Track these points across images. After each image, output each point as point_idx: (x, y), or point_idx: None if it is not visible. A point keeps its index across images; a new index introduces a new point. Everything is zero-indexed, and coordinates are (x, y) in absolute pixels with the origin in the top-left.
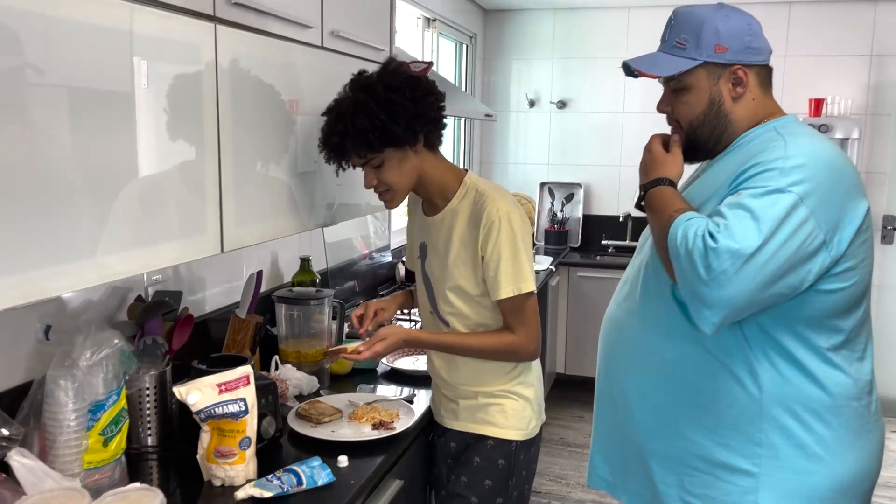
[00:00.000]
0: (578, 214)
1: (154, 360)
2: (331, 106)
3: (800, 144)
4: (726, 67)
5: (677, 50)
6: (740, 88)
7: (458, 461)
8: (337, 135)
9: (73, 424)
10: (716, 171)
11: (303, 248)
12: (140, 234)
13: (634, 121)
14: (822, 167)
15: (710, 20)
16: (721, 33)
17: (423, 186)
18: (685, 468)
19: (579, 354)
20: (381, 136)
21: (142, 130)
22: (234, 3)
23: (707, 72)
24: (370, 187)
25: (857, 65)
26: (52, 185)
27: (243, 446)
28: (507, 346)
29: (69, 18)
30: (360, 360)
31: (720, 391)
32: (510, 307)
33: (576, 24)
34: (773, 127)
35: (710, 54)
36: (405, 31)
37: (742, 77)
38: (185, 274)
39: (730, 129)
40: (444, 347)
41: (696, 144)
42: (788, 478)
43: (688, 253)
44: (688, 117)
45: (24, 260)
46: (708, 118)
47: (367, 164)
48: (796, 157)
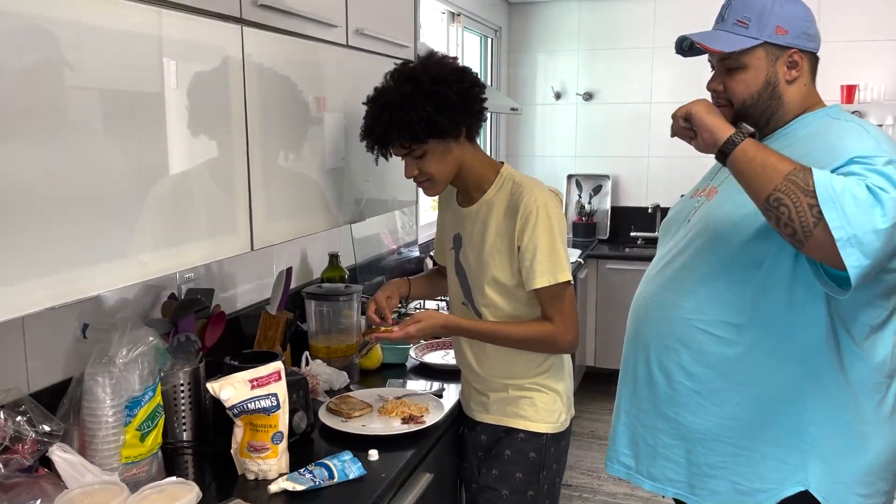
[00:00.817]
0: (606, 206)
1: (188, 357)
2: (375, 95)
3: (880, 134)
4: (784, 50)
5: (738, 28)
6: (795, 72)
7: (489, 454)
8: (382, 125)
9: (111, 420)
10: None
11: (331, 244)
12: (172, 234)
13: (662, 111)
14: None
15: (771, 2)
16: (782, 16)
17: (462, 177)
18: (734, 449)
19: (609, 347)
20: (426, 128)
21: (172, 130)
22: (260, 5)
23: (766, 52)
24: (411, 177)
25: (891, 50)
26: (85, 187)
27: (276, 441)
28: (545, 336)
29: (101, 25)
30: (392, 338)
31: (778, 370)
32: (547, 297)
33: (601, 14)
34: (826, 114)
35: (770, 35)
36: (430, 26)
37: (798, 61)
38: (217, 272)
39: (780, 112)
40: (483, 335)
41: (746, 121)
42: (835, 454)
43: (857, 200)
44: (742, 96)
45: (60, 261)
46: (762, 98)
47: (409, 155)
48: (889, 149)
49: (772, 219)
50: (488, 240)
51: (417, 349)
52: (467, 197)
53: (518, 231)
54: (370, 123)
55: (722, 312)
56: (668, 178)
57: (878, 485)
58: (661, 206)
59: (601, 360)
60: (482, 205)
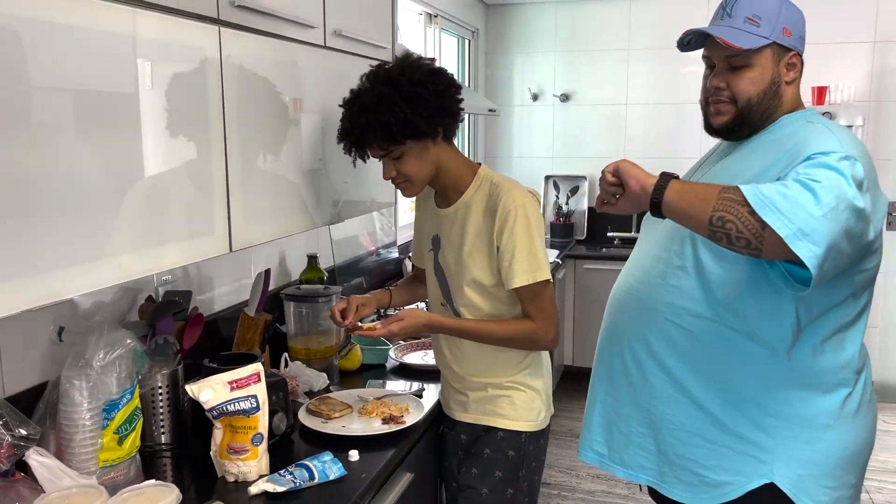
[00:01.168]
0: (584, 207)
1: (166, 360)
2: (351, 98)
3: (845, 135)
4: (787, 51)
5: (749, 26)
6: (793, 73)
7: (469, 453)
8: (360, 127)
9: (89, 424)
10: (752, 150)
11: (310, 245)
12: (149, 235)
13: (638, 112)
14: (866, 157)
15: (779, 3)
16: (788, 18)
17: (440, 178)
18: (701, 440)
19: (587, 346)
20: (403, 129)
21: (149, 131)
22: (238, 6)
23: (773, 52)
24: (388, 178)
25: (861, 52)
26: (60, 189)
27: (255, 442)
28: (526, 334)
29: (75, 25)
30: (373, 336)
31: (743, 364)
32: (527, 296)
33: (577, 17)
34: (801, 116)
35: (778, 35)
36: (407, 27)
37: (796, 63)
38: (195, 273)
39: (778, 111)
40: (465, 333)
41: (745, 121)
42: (801, 447)
43: (788, 197)
44: (747, 93)
45: (36, 263)
46: (766, 96)
47: (387, 156)
48: (850, 147)
49: (722, 239)
50: (467, 240)
51: (397, 350)
52: (445, 198)
53: (497, 231)
54: (347, 126)
55: (691, 305)
56: None
57: (846, 478)
58: None
59: (579, 359)
60: (460, 206)
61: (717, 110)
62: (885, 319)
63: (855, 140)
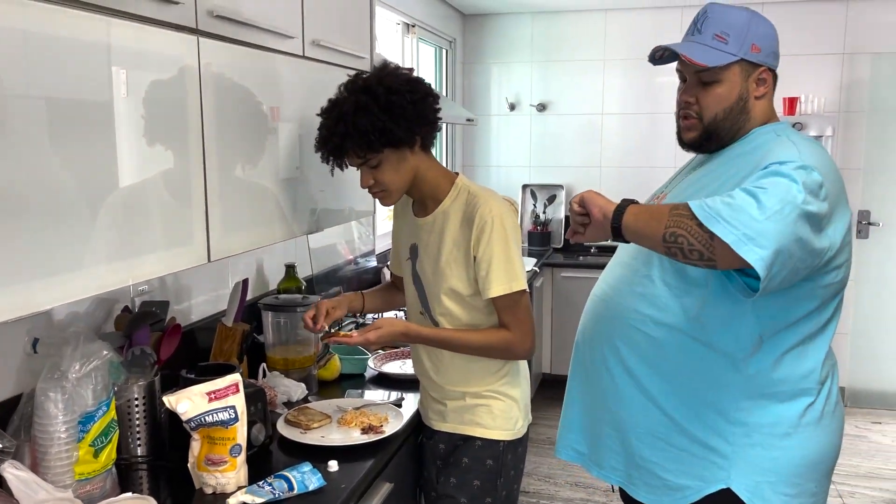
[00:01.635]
0: (561, 215)
1: (143, 371)
2: (329, 107)
3: (807, 146)
4: (756, 67)
5: (718, 43)
6: (763, 88)
7: (447, 462)
8: (338, 136)
9: (64, 436)
10: (721, 163)
11: (288, 254)
12: (127, 246)
13: (614, 121)
14: (829, 169)
15: (748, 20)
16: (758, 34)
17: (417, 187)
18: (664, 444)
19: (565, 354)
20: (381, 137)
21: (125, 141)
22: (217, 16)
23: (741, 68)
24: (366, 187)
25: (830, 63)
26: (34, 199)
27: (234, 453)
28: (502, 343)
29: (52, 34)
30: (349, 343)
31: (704, 372)
32: (504, 306)
33: (554, 28)
34: (772, 129)
35: (747, 52)
36: (385, 37)
37: (766, 78)
38: (171, 283)
39: (746, 126)
40: (442, 342)
41: (713, 136)
42: (759, 455)
43: (732, 205)
44: (714, 109)
45: (9, 275)
46: (733, 112)
47: (365, 164)
48: (809, 158)
49: (677, 254)
50: (444, 250)
51: (376, 359)
52: (423, 207)
53: (474, 241)
54: (325, 134)
55: (654, 313)
56: (619, 187)
57: (806, 485)
58: None
59: (557, 366)
60: (438, 215)
61: (686, 126)
62: (857, 326)
63: (820, 153)
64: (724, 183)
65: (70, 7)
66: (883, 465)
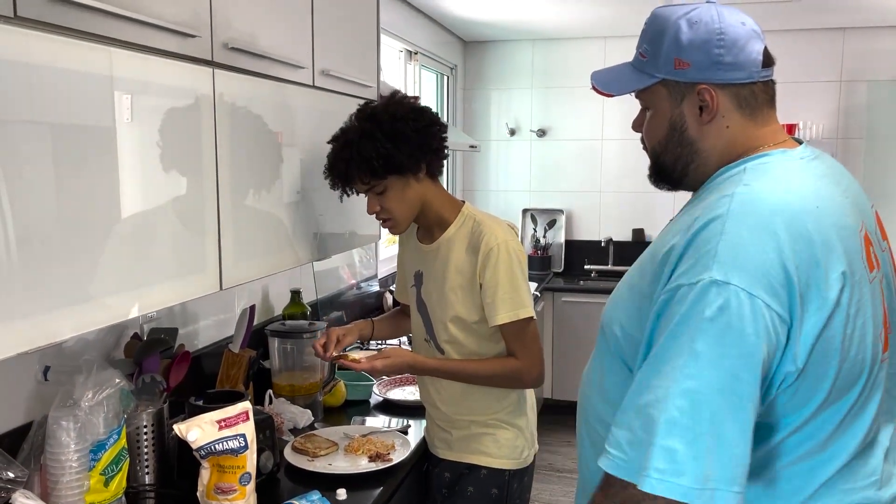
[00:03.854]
0: (561, 240)
1: (152, 398)
2: (337, 134)
3: (746, 222)
4: (692, 86)
5: (639, 62)
6: (706, 114)
7: (452, 491)
8: (343, 161)
9: (76, 465)
10: (684, 219)
11: (293, 279)
12: (140, 275)
13: (613, 147)
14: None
15: (672, 27)
16: (683, 45)
17: (423, 214)
18: None
19: (566, 379)
20: (385, 164)
21: (138, 170)
22: (232, 48)
23: (668, 91)
24: (372, 213)
25: (828, 90)
26: (44, 228)
27: (244, 482)
28: (511, 372)
29: (68, 68)
30: (356, 369)
31: None
32: (511, 333)
33: (554, 54)
34: (744, 169)
35: (668, 71)
36: (388, 64)
37: (708, 99)
38: (178, 309)
39: (698, 161)
40: (449, 373)
41: (662, 173)
42: None
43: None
44: (651, 141)
45: (20, 306)
46: (671, 145)
47: (371, 191)
48: (733, 250)
49: None
50: (449, 277)
51: (380, 385)
52: (429, 234)
53: (479, 268)
54: (332, 161)
55: (602, 407)
56: (620, 212)
57: None
58: (613, 239)
59: (558, 392)
60: (443, 242)
61: None
62: None
63: (760, 218)
64: (655, 247)
65: (94, 42)
66: None
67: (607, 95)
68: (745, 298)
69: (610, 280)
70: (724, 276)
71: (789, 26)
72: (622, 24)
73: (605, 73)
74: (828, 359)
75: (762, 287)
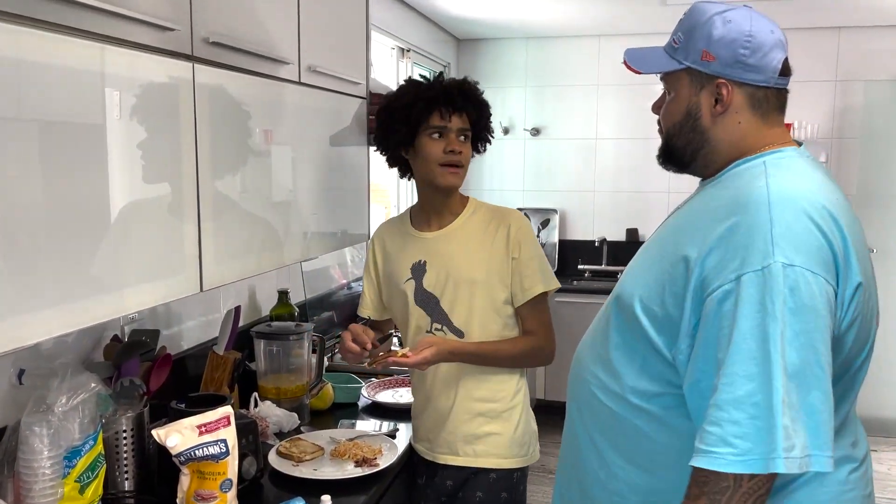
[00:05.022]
0: (554, 240)
1: (131, 402)
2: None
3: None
4: (712, 79)
5: (671, 49)
6: (719, 107)
7: (455, 498)
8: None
9: (49, 472)
10: (703, 200)
11: (280, 279)
12: (118, 275)
13: (608, 146)
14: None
15: (706, 22)
16: (713, 39)
17: (438, 199)
18: None
19: (559, 379)
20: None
21: (116, 169)
22: (213, 43)
23: (690, 79)
24: (459, 152)
25: (823, 90)
26: (22, 228)
27: (224, 489)
28: (535, 349)
29: (48, 62)
30: (408, 365)
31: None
32: (534, 308)
33: (548, 53)
34: (763, 162)
35: (695, 60)
36: (379, 61)
37: (724, 94)
38: (162, 311)
39: (707, 148)
40: (485, 355)
41: (671, 155)
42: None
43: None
44: (666, 124)
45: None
46: (684, 130)
47: (464, 134)
48: (787, 234)
49: None
50: (472, 252)
51: (370, 388)
52: (437, 220)
53: (513, 244)
54: (446, 84)
55: (609, 379)
56: (614, 212)
57: None
58: (607, 239)
59: (551, 392)
60: (458, 225)
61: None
62: None
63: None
64: (681, 230)
65: (65, 34)
66: (880, 493)
67: (635, 72)
68: (811, 277)
69: (604, 280)
70: (789, 259)
71: (785, 25)
72: (616, 22)
73: (638, 51)
74: (852, 328)
75: (819, 266)
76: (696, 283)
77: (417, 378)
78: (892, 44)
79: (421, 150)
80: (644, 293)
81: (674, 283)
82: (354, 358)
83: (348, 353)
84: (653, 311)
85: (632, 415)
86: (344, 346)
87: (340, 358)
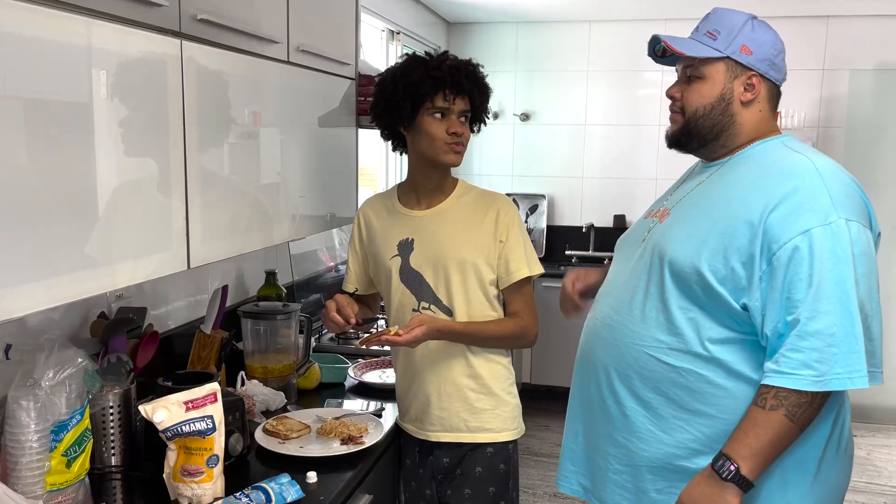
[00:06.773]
0: (542, 225)
1: (118, 378)
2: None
3: (831, 174)
4: (745, 70)
5: (707, 39)
6: (750, 94)
7: (453, 475)
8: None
9: (36, 446)
10: (724, 175)
11: (268, 261)
12: (104, 251)
13: (597, 132)
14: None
15: (745, 23)
16: (751, 38)
17: (429, 177)
18: (683, 475)
19: (545, 364)
20: None
21: (103, 145)
22: (201, 20)
23: (727, 67)
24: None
25: (810, 79)
26: (8, 202)
27: (211, 464)
28: (521, 330)
29: (34, 35)
30: (399, 343)
31: (728, 405)
32: (520, 291)
33: (538, 38)
34: (781, 142)
35: (734, 51)
36: (369, 43)
37: (755, 84)
38: (149, 289)
39: (731, 130)
40: (474, 335)
41: (692, 134)
42: (787, 482)
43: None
44: (694, 105)
45: None
46: (714, 112)
47: (465, 115)
48: (838, 193)
49: None
50: (460, 233)
51: (357, 368)
52: (426, 199)
53: (501, 227)
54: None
55: (669, 338)
56: (602, 198)
57: None
58: (595, 225)
59: (537, 376)
60: (448, 204)
61: (671, 119)
62: None
63: (837, 173)
64: (731, 198)
65: (51, 7)
66: (875, 479)
67: (675, 52)
68: (864, 230)
69: (591, 266)
70: (847, 215)
71: (773, 13)
72: (607, 8)
73: (672, 38)
74: None
75: (865, 221)
76: (763, 240)
77: (404, 357)
78: (877, 33)
79: (422, 129)
80: (707, 255)
81: (736, 242)
82: (335, 328)
83: (330, 322)
84: (717, 268)
85: (701, 367)
86: (327, 314)
87: (326, 332)
